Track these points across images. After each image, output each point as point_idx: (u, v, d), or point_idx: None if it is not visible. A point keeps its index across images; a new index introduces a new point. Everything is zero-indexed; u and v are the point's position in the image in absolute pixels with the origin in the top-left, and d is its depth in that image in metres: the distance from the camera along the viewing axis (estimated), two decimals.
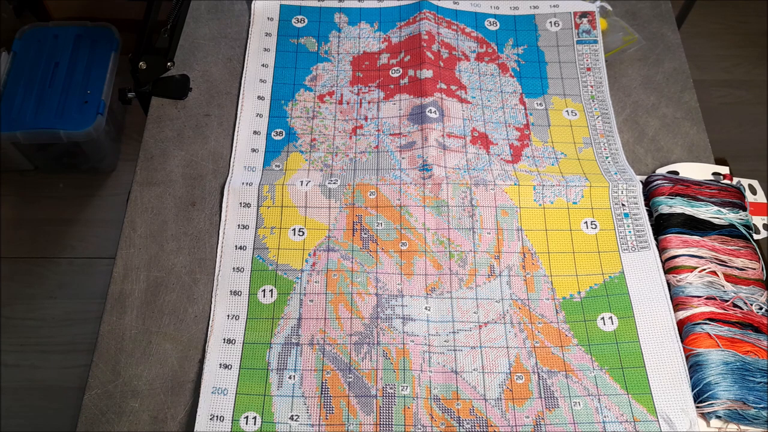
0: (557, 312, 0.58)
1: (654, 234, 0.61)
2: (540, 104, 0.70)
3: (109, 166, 1.38)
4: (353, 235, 0.61)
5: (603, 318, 0.57)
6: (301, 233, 0.61)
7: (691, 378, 0.54)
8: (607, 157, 0.67)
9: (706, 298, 0.57)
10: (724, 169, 0.65)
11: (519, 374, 0.55)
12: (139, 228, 0.62)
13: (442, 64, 0.71)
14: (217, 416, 0.53)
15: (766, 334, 0.55)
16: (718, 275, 0.58)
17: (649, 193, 0.63)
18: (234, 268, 0.59)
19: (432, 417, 0.53)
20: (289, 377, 0.54)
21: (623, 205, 0.63)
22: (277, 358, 0.55)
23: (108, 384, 0.55)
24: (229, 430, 0.52)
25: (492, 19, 0.76)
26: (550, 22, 0.75)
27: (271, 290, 0.58)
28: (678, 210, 0.61)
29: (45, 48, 1.30)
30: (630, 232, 0.61)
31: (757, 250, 0.60)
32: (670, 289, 0.58)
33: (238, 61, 0.72)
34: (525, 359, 0.55)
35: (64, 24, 1.34)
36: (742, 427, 0.52)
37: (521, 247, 0.61)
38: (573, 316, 0.58)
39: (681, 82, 0.73)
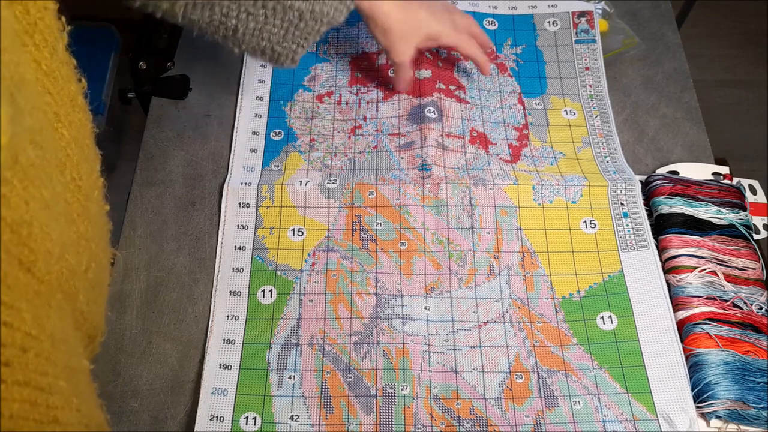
0: (557, 311, 0.58)
1: (654, 234, 0.61)
2: (539, 104, 0.70)
3: (108, 166, 1.38)
4: (353, 235, 0.61)
5: (602, 317, 0.57)
6: (300, 233, 0.61)
7: (691, 378, 0.54)
8: (605, 157, 0.67)
9: (706, 298, 0.57)
10: (724, 169, 0.65)
11: (519, 373, 0.55)
12: (139, 228, 0.63)
13: (440, 64, 0.71)
14: (217, 416, 0.53)
15: (766, 334, 0.55)
16: (718, 275, 0.58)
17: (649, 193, 0.63)
18: (233, 269, 0.59)
19: (432, 416, 0.53)
20: (289, 377, 0.54)
21: (622, 204, 0.63)
22: (277, 359, 0.55)
23: (108, 384, 0.55)
24: (229, 430, 0.52)
25: (490, 19, 0.76)
26: (549, 22, 0.75)
27: (271, 290, 0.58)
28: (678, 210, 0.61)
29: None
30: (629, 231, 0.61)
31: (757, 250, 0.60)
32: (670, 289, 0.58)
33: (238, 61, 0.73)
34: (525, 358, 0.55)
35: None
36: (742, 427, 0.52)
37: (520, 247, 0.61)
38: (572, 315, 0.58)
39: (681, 82, 0.73)
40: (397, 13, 0.60)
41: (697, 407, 0.53)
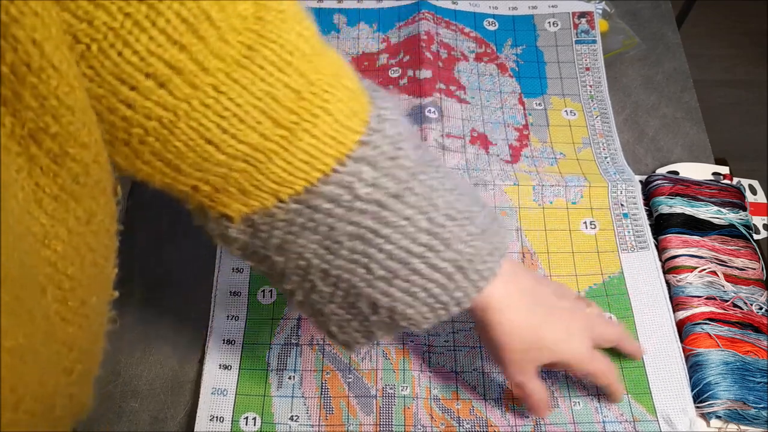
0: None
1: (654, 234, 0.61)
2: (539, 104, 0.70)
3: None
4: None
5: None
6: None
7: (691, 378, 0.54)
8: (606, 157, 0.67)
9: (706, 298, 0.57)
10: (724, 169, 0.65)
11: None
12: (139, 228, 0.62)
13: (441, 65, 0.71)
14: (217, 417, 0.53)
15: (766, 334, 0.55)
16: (718, 275, 0.58)
17: (649, 193, 0.63)
18: (233, 269, 0.59)
19: (432, 417, 0.53)
20: (289, 378, 0.54)
21: (622, 205, 0.63)
22: (277, 359, 0.55)
23: (108, 384, 0.55)
24: (229, 430, 0.52)
25: (491, 19, 0.76)
26: (549, 22, 0.76)
27: (271, 291, 0.58)
28: (678, 210, 0.61)
29: None
30: (629, 232, 0.61)
31: (757, 250, 0.60)
32: (670, 289, 0.58)
33: None
34: None
35: None
36: (742, 427, 0.52)
37: (521, 247, 0.61)
38: None
39: (681, 82, 0.73)
40: (522, 333, 0.45)
41: (697, 407, 0.53)
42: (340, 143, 0.36)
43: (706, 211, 0.61)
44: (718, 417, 0.52)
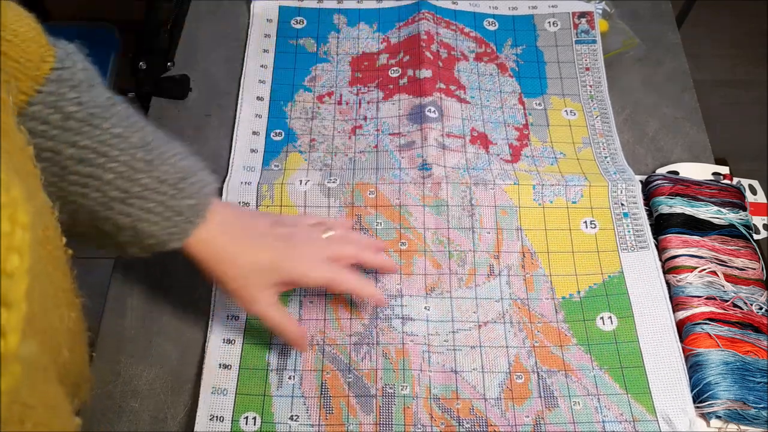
0: (557, 311, 0.58)
1: (654, 234, 0.61)
2: (539, 104, 0.70)
3: None
4: None
5: (602, 317, 0.57)
6: None
7: (691, 378, 0.54)
8: (606, 157, 0.67)
9: (706, 298, 0.57)
10: (724, 169, 0.65)
11: (519, 374, 0.55)
12: None
13: (441, 64, 0.71)
14: (216, 416, 0.53)
15: (766, 334, 0.55)
16: (718, 275, 0.58)
17: (649, 193, 0.63)
18: None
19: (432, 417, 0.53)
20: (289, 377, 0.54)
21: (622, 204, 0.63)
22: (277, 359, 0.55)
23: (108, 384, 0.55)
24: (229, 430, 0.52)
25: (491, 19, 0.76)
26: (549, 22, 0.76)
27: None
28: (678, 210, 0.61)
29: None
30: (629, 231, 0.61)
31: (757, 250, 0.60)
32: (670, 289, 0.58)
33: (239, 61, 0.73)
34: (524, 359, 0.55)
35: (63, 24, 1.34)
36: (742, 427, 0.52)
37: (521, 247, 0.61)
38: (572, 316, 0.58)
39: (681, 82, 0.73)
40: (236, 261, 0.48)
41: (697, 407, 0.53)
42: (34, 66, 0.40)
43: (706, 211, 0.61)
44: (718, 417, 0.53)
